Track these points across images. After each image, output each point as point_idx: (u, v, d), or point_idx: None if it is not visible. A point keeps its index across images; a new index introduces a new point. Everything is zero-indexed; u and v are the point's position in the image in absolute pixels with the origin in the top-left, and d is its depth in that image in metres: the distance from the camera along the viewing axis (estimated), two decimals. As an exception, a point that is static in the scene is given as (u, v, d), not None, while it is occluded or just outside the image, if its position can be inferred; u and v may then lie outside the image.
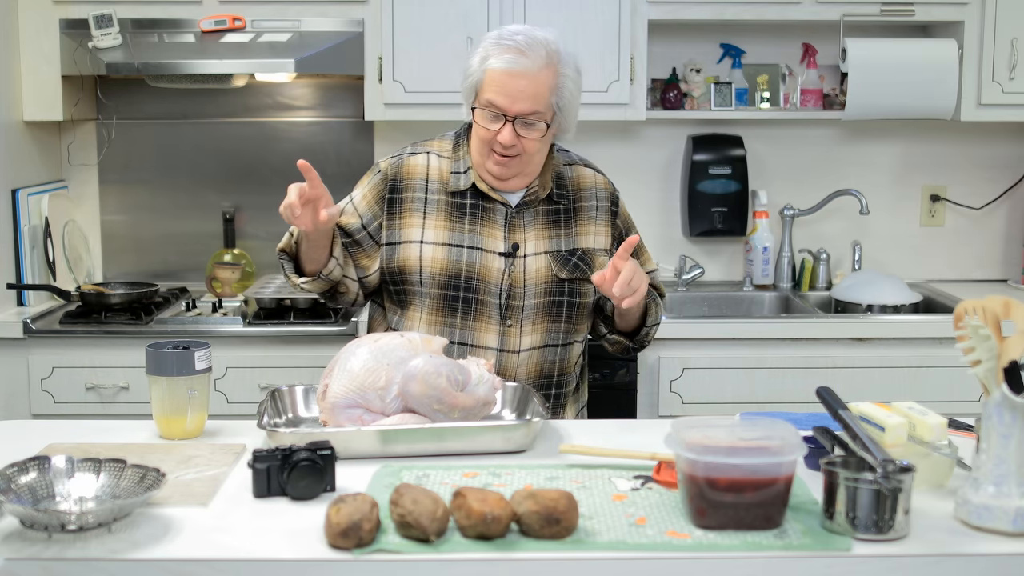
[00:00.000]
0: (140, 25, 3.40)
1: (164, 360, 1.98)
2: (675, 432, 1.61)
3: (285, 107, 3.76)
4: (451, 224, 2.26)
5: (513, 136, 2.17)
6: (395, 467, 1.81)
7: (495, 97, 2.16)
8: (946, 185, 3.88)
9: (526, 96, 2.15)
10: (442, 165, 2.30)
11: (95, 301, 3.28)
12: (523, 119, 2.17)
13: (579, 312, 2.31)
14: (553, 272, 2.27)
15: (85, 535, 1.53)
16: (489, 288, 2.25)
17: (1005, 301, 1.60)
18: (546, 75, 2.16)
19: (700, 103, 3.72)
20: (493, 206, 2.27)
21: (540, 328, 2.27)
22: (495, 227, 2.27)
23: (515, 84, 2.15)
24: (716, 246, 3.86)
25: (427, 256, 2.25)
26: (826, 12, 3.47)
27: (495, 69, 2.16)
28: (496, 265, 2.25)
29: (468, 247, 2.25)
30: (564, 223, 2.31)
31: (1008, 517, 1.55)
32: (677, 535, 1.54)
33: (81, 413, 3.16)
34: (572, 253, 2.29)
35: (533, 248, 2.27)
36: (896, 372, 3.24)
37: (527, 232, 2.28)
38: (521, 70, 2.15)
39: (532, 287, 2.26)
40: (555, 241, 2.29)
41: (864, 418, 1.75)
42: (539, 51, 2.16)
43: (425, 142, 2.36)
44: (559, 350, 2.30)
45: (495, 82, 2.16)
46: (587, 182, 2.36)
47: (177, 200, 3.78)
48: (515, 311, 2.25)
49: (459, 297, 2.25)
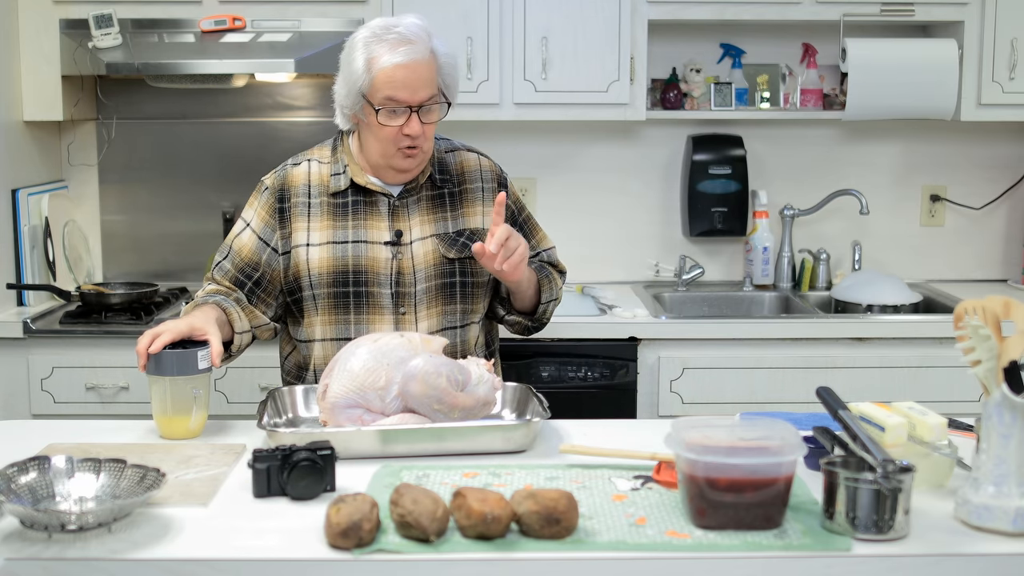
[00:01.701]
0: (140, 25, 3.40)
1: (165, 360, 1.98)
2: (675, 432, 1.61)
3: (285, 107, 3.76)
4: (334, 223, 2.27)
5: (420, 126, 2.18)
6: (395, 467, 1.81)
7: (395, 92, 2.16)
8: (946, 185, 3.87)
9: (424, 83, 2.17)
10: (322, 170, 2.32)
11: (95, 301, 3.28)
12: (425, 106, 2.18)
13: (474, 292, 2.32)
14: (441, 253, 2.28)
15: (85, 535, 1.53)
16: (378, 279, 2.25)
17: (1005, 301, 1.60)
18: (431, 59, 2.19)
19: (700, 103, 3.72)
20: (375, 198, 2.28)
21: (435, 312, 2.28)
22: (378, 218, 2.28)
23: (413, 75, 2.16)
24: (716, 246, 3.86)
25: (313, 258, 2.26)
26: (826, 12, 3.47)
27: (389, 66, 2.15)
28: (383, 255, 2.26)
29: (352, 242, 2.26)
30: (450, 206, 2.32)
31: (1008, 517, 1.55)
32: (677, 535, 1.54)
33: (81, 413, 3.15)
34: (460, 234, 2.31)
35: (419, 233, 2.28)
36: (896, 372, 3.24)
37: (412, 219, 2.29)
38: (416, 59, 2.16)
39: (422, 271, 2.27)
40: (441, 224, 2.30)
41: (864, 418, 1.75)
42: (422, 36, 2.18)
43: (304, 152, 2.38)
44: (458, 331, 2.31)
45: (391, 78, 2.16)
46: (471, 165, 2.37)
47: (177, 200, 3.78)
48: (407, 298, 2.26)
49: (349, 292, 2.25)
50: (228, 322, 2.19)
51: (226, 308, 2.20)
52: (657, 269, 3.81)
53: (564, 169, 3.76)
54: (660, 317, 3.27)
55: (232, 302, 2.24)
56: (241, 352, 2.26)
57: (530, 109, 3.46)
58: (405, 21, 2.21)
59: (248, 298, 2.28)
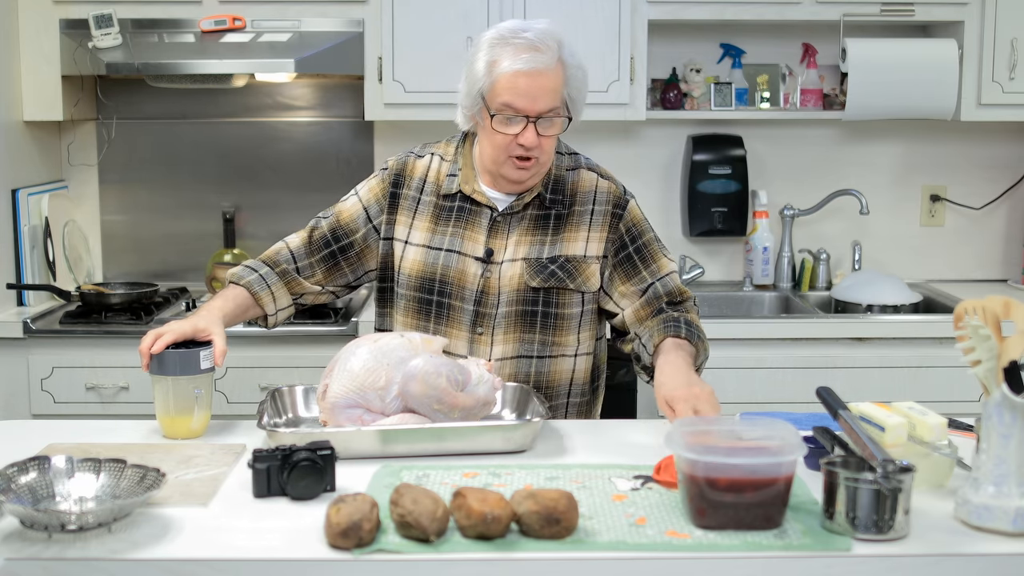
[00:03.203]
0: (140, 25, 3.40)
1: (168, 360, 1.98)
2: (675, 432, 1.61)
3: (285, 107, 3.76)
4: (435, 226, 2.22)
5: (536, 137, 2.10)
6: (395, 467, 1.81)
7: (514, 100, 2.08)
8: (946, 185, 3.88)
9: (546, 93, 2.08)
10: (442, 167, 2.26)
11: (95, 301, 3.28)
12: (544, 117, 2.10)
13: (559, 324, 2.21)
14: (525, 280, 2.18)
15: (85, 535, 1.53)
16: (463, 294, 2.19)
17: (1005, 301, 1.60)
18: (559, 68, 2.10)
19: (700, 103, 3.72)
20: (479, 209, 2.21)
21: (512, 338, 2.19)
22: (478, 231, 2.20)
23: (535, 83, 2.07)
24: (716, 246, 3.86)
25: (408, 257, 2.22)
26: (826, 12, 3.47)
27: (511, 71, 2.07)
28: (472, 270, 2.19)
29: (447, 250, 2.20)
30: (552, 229, 2.21)
31: (1008, 517, 1.55)
32: (677, 535, 1.54)
33: (81, 413, 3.16)
34: (553, 260, 2.19)
35: (511, 254, 2.19)
36: (896, 372, 3.24)
37: (509, 237, 2.20)
38: (540, 68, 2.07)
39: (505, 295, 2.18)
40: (536, 247, 2.20)
41: (864, 418, 1.75)
42: (551, 44, 2.10)
43: (433, 144, 2.32)
44: (535, 362, 2.20)
45: (511, 84, 2.07)
46: (586, 186, 2.26)
47: (177, 200, 3.78)
48: (486, 319, 2.18)
49: (432, 300, 2.20)
50: (256, 304, 2.20)
51: (256, 292, 2.19)
52: (657, 269, 3.81)
53: (564, 169, 3.76)
54: (660, 317, 3.27)
55: (275, 277, 2.24)
56: (280, 324, 2.28)
57: (530, 109, 3.46)
58: (536, 26, 2.12)
59: (326, 262, 2.27)
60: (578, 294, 2.21)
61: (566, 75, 2.12)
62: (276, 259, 2.28)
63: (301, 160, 3.78)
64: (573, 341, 2.23)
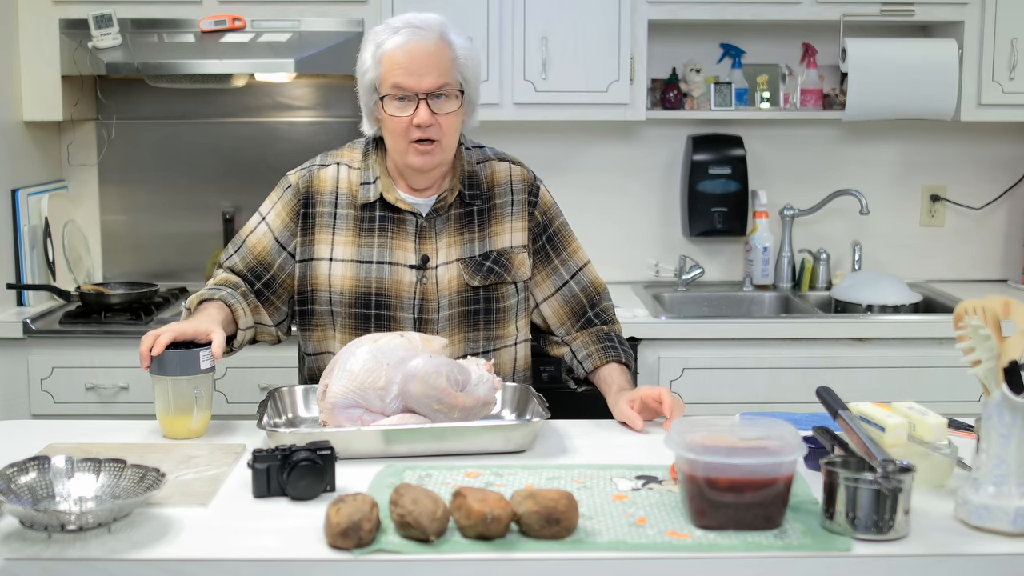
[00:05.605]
0: (140, 25, 3.40)
1: (168, 360, 1.98)
2: (675, 432, 1.61)
3: (285, 107, 3.76)
4: (360, 239, 2.19)
5: (429, 115, 2.09)
6: (398, 467, 1.81)
7: (401, 79, 2.09)
8: (946, 185, 3.88)
9: (431, 69, 2.09)
10: (351, 176, 2.22)
11: (95, 301, 3.28)
12: (434, 94, 2.10)
13: (500, 317, 2.24)
14: (465, 281, 2.19)
15: (85, 535, 1.53)
16: (401, 303, 2.18)
17: (1005, 301, 1.60)
18: (442, 47, 2.11)
19: (700, 103, 3.72)
20: (403, 216, 2.19)
21: (458, 338, 2.20)
22: (405, 239, 2.19)
23: (417, 60, 2.08)
24: (716, 246, 3.86)
25: (336, 274, 2.19)
26: (826, 12, 3.47)
27: (392, 51, 2.09)
28: (407, 279, 2.18)
29: (377, 262, 2.18)
30: (478, 225, 2.22)
31: (1008, 517, 1.55)
32: (677, 535, 1.54)
33: (81, 413, 3.15)
34: (486, 257, 2.21)
35: (445, 257, 2.20)
36: (896, 372, 3.24)
37: (439, 241, 2.20)
38: (419, 42, 2.09)
39: (445, 298, 2.19)
40: (467, 247, 2.21)
41: (864, 418, 1.75)
42: (432, 25, 2.12)
43: (335, 152, 2.29)
44: (483, 357, 2.21)
45: (396, 64, 2.09)
46: (501, 176, 2.26)
47: (177, 200, 3.78)
48: (429, 324, 2.19)
49: (371, 315, 2.18)
50: (233, 319, 2.14)
51: (232, 305, 2.14)
52: (657, 269, 3.81)
53: (564, 169, 3.75)
54: (660, 317, 3.27)
55: (239, 296, 2.17)
56: (241, 348, 2.20)
57: (530, 109, 3.46)
58: (417, 14, 2.15)
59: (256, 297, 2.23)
60: (514, 285, 2.24)
61: (453, 55, 2.13)
62: (235, 282, 2.21)
63: (301, 160, 3.73)
64: (513, 331, 2.28)
